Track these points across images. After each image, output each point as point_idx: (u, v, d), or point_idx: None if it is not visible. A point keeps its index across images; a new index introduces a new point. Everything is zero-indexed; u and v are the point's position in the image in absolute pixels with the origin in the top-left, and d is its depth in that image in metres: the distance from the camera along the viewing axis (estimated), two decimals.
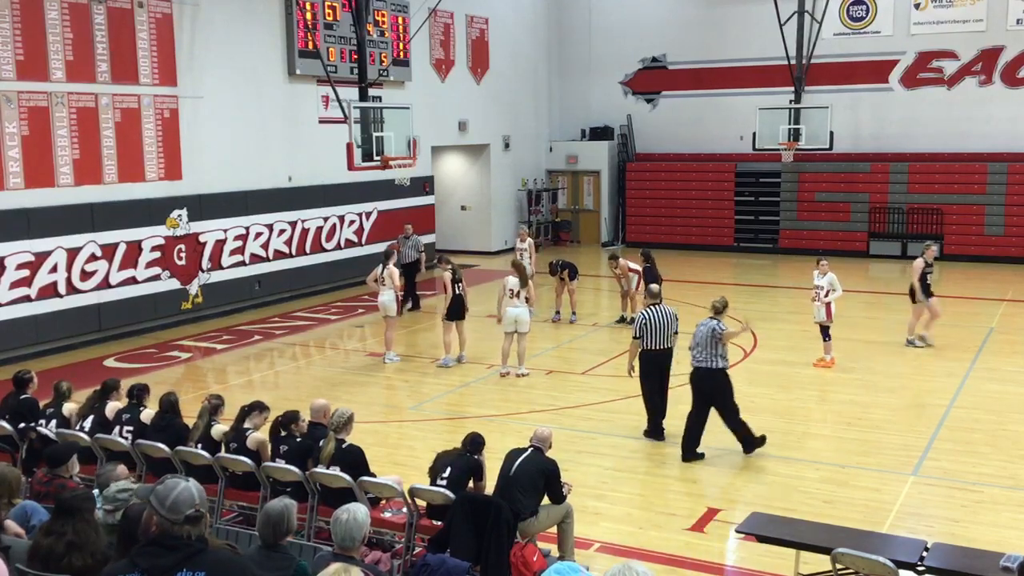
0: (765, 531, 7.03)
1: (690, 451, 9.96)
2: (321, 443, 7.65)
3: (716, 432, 10.81)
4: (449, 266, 14.17)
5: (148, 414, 8.63)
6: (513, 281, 13.41)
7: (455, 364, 14.01)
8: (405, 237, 18.29)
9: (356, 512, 4.98)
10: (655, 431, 10.64)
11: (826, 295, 13.47)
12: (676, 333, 10.61)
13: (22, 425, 8.86)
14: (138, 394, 8.87)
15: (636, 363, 10.63)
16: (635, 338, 10.51)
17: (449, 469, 7.27)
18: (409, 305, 17.88)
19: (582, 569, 4.74)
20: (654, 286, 11.17)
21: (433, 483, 7.20)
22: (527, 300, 13.43)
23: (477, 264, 23.76)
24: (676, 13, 26.51)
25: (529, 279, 13.56)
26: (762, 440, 10.12)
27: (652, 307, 10.54)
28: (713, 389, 9.94)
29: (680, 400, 10.66)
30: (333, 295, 19.99)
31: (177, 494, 3.88)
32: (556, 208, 28.08)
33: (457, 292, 13.93)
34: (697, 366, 9.97)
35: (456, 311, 13.99)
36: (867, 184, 24.34)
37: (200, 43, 17.19)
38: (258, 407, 8.28)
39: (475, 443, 7.52)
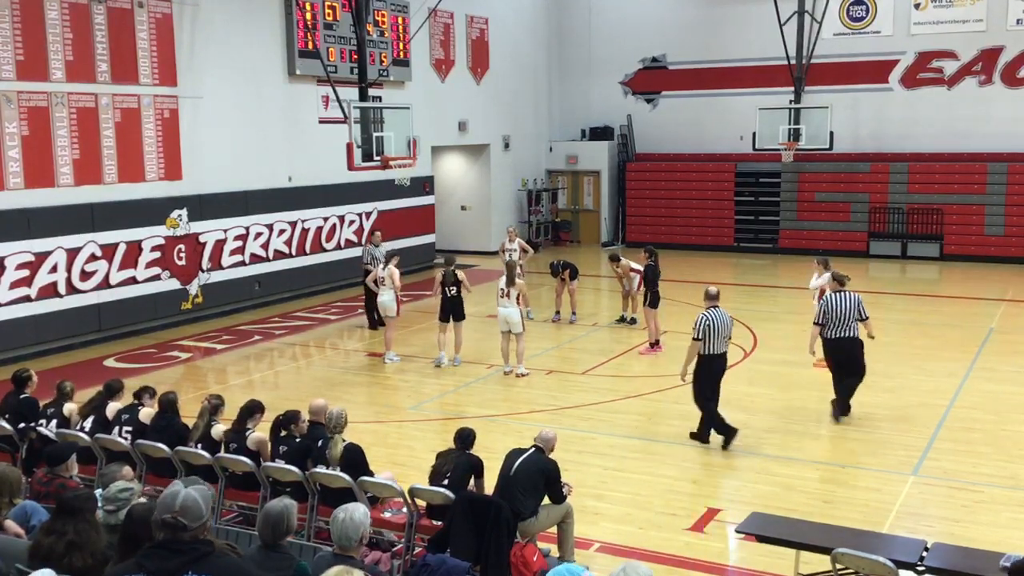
0: (765, 531, 7.03)
1: (844, 412, 11.13)
2: (320, 443, 7.65)
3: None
4: (443, 267, 14.13)
5: (147, 413, 8.63)
6: (503, 281, 13.42)
7: (447, 365, 14.00)
8: (375, 245, 16.78)
9: (353, 512, 4.97)
10: (703, 434, 10.33)
11: (820, 296, 13.56)
12: (729, 337, 10.36)
13: (22, 425, 8.86)
14: (139, 394, 8.88)
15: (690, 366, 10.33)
16: (696, 339, 10.12)
17: (451, 470, 7.28)
18: (367, 323, 16.81)
19: (584, 570, 4.74)
20: (712, 288, 10.58)
21: (437, 486, 7.19)
22: (517, 300, 13.39)
23: (477, 264, 23.75)
24: (676, 13, 26.50)
25: (517, 278, 13.51)
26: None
27: (713, 310, 10.18)
28: (856, 355, 10.94)
29: (684, 399, 10.66)
30: (333, 295, 19.99)
31: (181, 499, 3.86)
32: (556, 208, 28.08)
33: (448, 294, 13.91)
34: (839, 337, 10.87)
35: (445, 313, 14.01)
36: (867, 184, 24.33)
37: (200, 43, 17.19)
38: (259, 409, 8.26)
39: (467, 439, 7.54)
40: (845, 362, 11.05)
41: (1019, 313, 17.39)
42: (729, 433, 10.26)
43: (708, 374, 10.25)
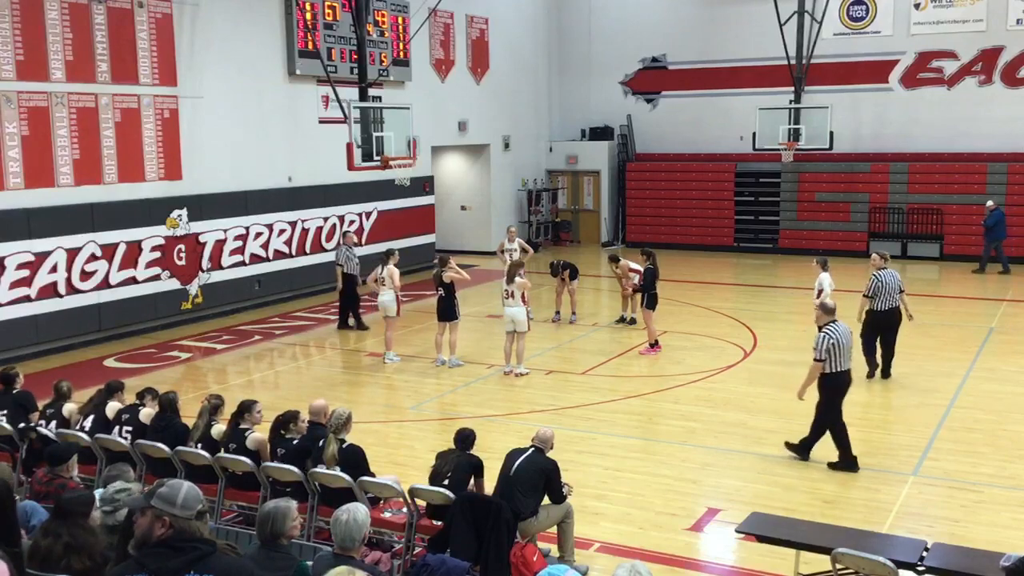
0: (765, 531, 7.03)
1: (874, 373, 12.80)
2: (321, 444, 7.65)
3: (718, 432, 10.83)
4: (438, 267, 14.17)
5: (147, 413, 8.63)
6: (505, 281, 13.46)
7: (442, 365, 14.01)
8: (347, 247, 16.69)
9: (355, 512, 4.98)
10: (848, 461, 9.55)
11: (817, 296, 13.54)
12: (851, 349, 9.79)
13: (22, 425, 8.87)
14: (142, 395, 8.89)
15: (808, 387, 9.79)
16: (819, 360, 9.46)
17: (451, 471, 7.28)
18: (352, 323, 16.68)
19: (567, 570, 4.73)
20: (830, 302, 10.08)
21: (437, 486, 7.19)
22: (522, 298, 13.41)
23: (477, 264, 23.75)
24: (676, 13, 26.50)
25: (515, 276, 13.49)
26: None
27: (834, 325, 9.56)
28: (895, 324, 12.58)
29: (684, 399, 10.62)
30: (333, 295, 19.92)
31: (185, 492, 3.93)
32: (556, 208, 28.08)
33: (440, 293, 13.93)
34: (889, 308, 12.48)
35: (439, 312, 14.03)
36: (867, 184, 24.33)
37: (200, 43, 17.19)
38: (248, 408, 8.21)
39: (467, 439, 7.54)
40: (888, 329, 12.76)
41: (1019, 313, 17.39)
42: (852, 466, 9.55)
43: (836, 392, 9.63)
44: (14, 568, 4.73)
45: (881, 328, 12.73)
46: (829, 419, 9.69)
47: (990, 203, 21.81)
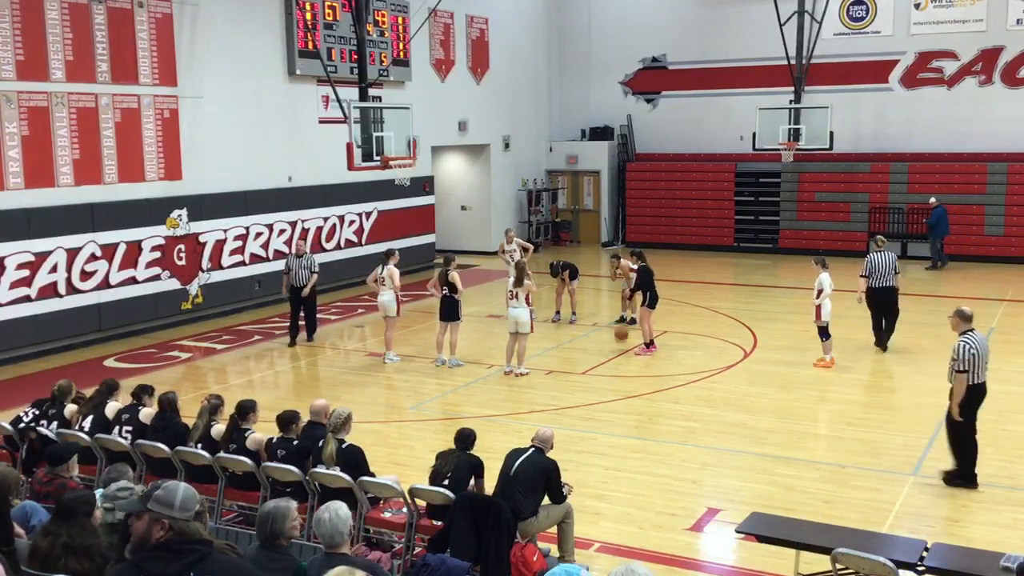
0: (765, 531, 7.03)
1: (884, 347, 14.15)
2: (321, 444, 7.64)
3: (718, 432, 10.83)
4: (443, 266, 14.17)
5: (147, 413, 8.62)
6: (512, 282, 13.45)
7: (442, 365, 14.01)
8: (296, 255, 15.78)
9: (338, 509, 4.92)
10: (967, 476, 9.12)
11: (817, 296, 13.56)
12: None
13: (22, 425, 8.88)
14: (138, 394, 8.87)
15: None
16: (963, 371, 8.90)
17: (451, 471, 7.27)
18: (304, 336, 15.82)
19: (582, 570, 4.73)
20: (966, 308, 9.45)
21: (438, 486, 7.18)
22: (526, 300, 13.42)
23: (477, 264, 23.75)
24: (676, 13, 26.50)
25: (524, 280, 13.48)
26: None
27: (972, 333, 9.08)
28: (891, 301, 14.09)
29: (684, 399, 10.58)
30: (333, 295, 19.96)
31: (182, 493, 3.91)
32: (556, 208, 28.07)
33: (444, 293, 13.94)
34: (881, 286, 13.92)
35: (442, 312, 14.04)
36: (867, 184, 24.33)
37: (200, 43, 17.18)
38: (251, 409, 8.19)
39: (467, 439, 7.54)
40: (885, 305, 14.13)
41: (1019, 313, 17.38)
42: (971, 481, 9.10)
43: (974, 406, 9.11)
44: (9, 568, 4.73)
45: (879, 304, 14.15)
46: (968, 432, 9.14)
47: (932, 200, 22.22)
